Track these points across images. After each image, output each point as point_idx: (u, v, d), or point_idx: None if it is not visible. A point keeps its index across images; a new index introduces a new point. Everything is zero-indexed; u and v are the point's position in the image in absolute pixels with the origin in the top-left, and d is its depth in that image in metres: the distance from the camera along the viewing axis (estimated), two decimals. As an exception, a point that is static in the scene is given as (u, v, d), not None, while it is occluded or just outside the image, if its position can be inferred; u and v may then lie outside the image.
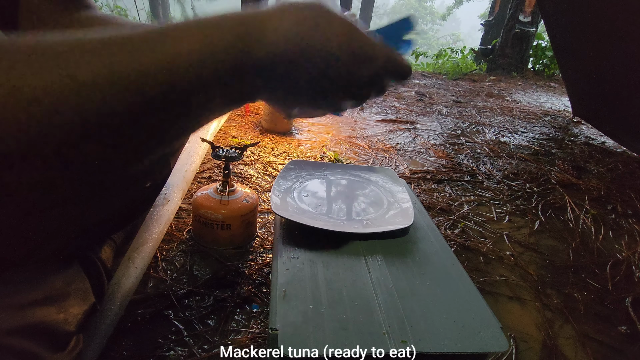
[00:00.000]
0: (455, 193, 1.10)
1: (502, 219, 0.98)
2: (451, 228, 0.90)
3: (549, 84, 3.89)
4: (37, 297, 0.34)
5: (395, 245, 0.52)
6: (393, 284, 0.44)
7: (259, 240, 0.77)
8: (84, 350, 0.41)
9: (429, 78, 3.81)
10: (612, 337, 0.63)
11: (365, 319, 0.38)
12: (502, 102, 2.65)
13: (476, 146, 1.57)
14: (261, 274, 0.68)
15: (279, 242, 0.51)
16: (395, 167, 1.26)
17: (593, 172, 1.39)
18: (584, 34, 1.60)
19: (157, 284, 0.63)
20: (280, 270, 0.45)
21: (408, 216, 0.56)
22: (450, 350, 0.36)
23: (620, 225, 1.01)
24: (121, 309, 0.54)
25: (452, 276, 0.46)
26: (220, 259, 0.70)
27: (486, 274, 0.75)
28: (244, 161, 1.16)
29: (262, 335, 0.55)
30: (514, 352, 0.57)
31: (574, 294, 0.72)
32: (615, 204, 1.13)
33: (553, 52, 2.40)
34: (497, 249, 0.84)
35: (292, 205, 0.58)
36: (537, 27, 4.28)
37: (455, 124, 1.92)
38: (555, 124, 2.12)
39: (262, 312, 0.59)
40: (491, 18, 6.61)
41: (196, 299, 0.61)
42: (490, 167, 1.34)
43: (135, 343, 0.52)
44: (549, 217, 1.02)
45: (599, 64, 1.61)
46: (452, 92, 2.93)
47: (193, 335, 0.54)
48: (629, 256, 0.86)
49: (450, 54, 5.08)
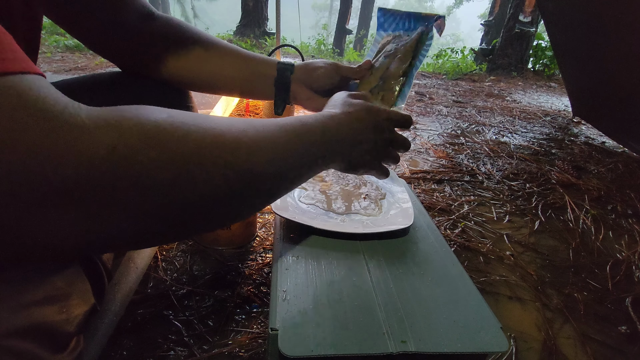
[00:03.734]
0: (455, 193, 1.10)
1: (502, 219, 0.98)
2: (451, 228, 0.90)
3: (549, 84, 3.89)
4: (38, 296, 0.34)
5: (395, 245, 0.52)
6: (393, 284, 0.44)
7: (259, 240, 0.77)
8: (84, 351, 0.41)
9: (429, 78, 3.81)
10: (612, 337, 0.63)
11: (365, 319, 0.38)
12: (502, 102, 2.65)
13: (476, 146, 1.57)
14: (261, 274, 0.68)
15: (279, 242, 0.51)
16: (395, 167, 1.26)
17: (593, 172, 1.39)
18: (584, 34, 1.59)
19: (157, 284, 0.63)
20: (280, 270, 0.45)
21: (408, 216, 0.56)
22: (450, 350, 0.36)
23: (620, 225, 1.01)
24: (121, 309, 0.54)
25: (452, 276, 0.46)
26: (220, 259, 0.70)
27: (486, 274, 0.75)
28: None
29: (262, 335, 0.55)
30: (514, 352, 0.57)
31: (574, 294, 0.72)
32: (615, 204, 1.13)
33: (553, 52, 2.40)
34: (497, 249, 0.84)
35: (292, 205, 0.58)
36: (537, 27, 4.28)
37: (455, 124, 1.92)
38: (555, 124, 2.12)
39: (262, 312, 0.59)
40: (491, 18, 6.61)
41: (196, 299, 0.61)
42: (490, 167, 1.34)
43: (135, 343, 0.52)
44: (549, 217, 1.02)
45: (599, 64, 1.61)
46: (452, 92, 2.93)
47: (193, 335, 0.54)
48: (629, 256, 0.86)
49: (450, 54, 5.08)
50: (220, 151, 0.27)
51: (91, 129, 0.21)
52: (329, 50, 7.27)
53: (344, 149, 0.40)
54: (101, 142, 0.21)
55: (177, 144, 0.24)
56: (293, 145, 0.33)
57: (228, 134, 0.28)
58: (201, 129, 0.26)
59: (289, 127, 0.34)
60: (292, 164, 0.34)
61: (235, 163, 0.27)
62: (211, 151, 0.26)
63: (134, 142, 0.22)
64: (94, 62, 2.85)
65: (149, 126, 0.23)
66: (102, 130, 0.22)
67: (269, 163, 0.31)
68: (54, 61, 2.82)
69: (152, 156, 0.23)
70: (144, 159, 0.23)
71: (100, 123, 0.22)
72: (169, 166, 0.24)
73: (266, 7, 5.67)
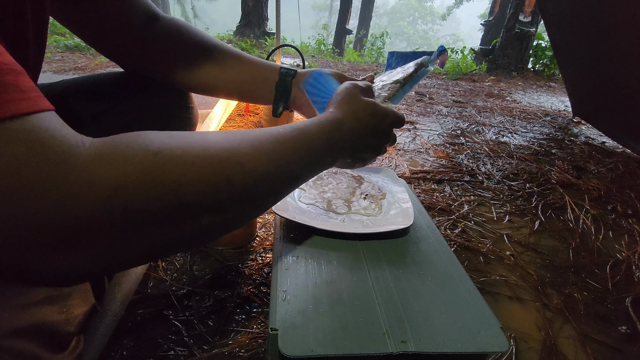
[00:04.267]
0: (455, 193, 1.10)
1: (502, 219, 0.98)
2: (451, 228, 0.90)
3: (549, 84, 3.89)
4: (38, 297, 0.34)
5: (395, 245, 0.52)
6: (393, 284, 0.44)
7: (259, 240, 0.77)
8: (84, 351, 0.41)
9: (429, 78, 3.81)
10: (612, 337, 0.63)
11: (365, 319, 0.38)
12: (502, 102, 2.65)
13: (476, 146, 1.57)
14: (261, 274, 0.68)
15: (279, 242, 0.51)
16: (395, 167, 1.26)
17: (593, 172, 1.39)
18: (584, 34, 1.60)
19: (157, 284, 0.63)
20: (280, 270, 0.45)
21: (408, 216, 0.56)
22: (450, 350, 0.36)
23: (620, 225, 1.01)
24: (121, 309, 0.54)
25: (452, 276, 0.46)
26: (220, 259, 0.70)
27: (486, 274, 0.75)
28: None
29: (262, 335, 0.55)
30: (514, 352, 0.57)
31: (574, 294, 0.72)
32: (615, 204, 1.13)
33: (553, 52, 2.40)
34: (497, 249, 0.84)
35: (292, 205, 0.58)
36: (537, 27, 4.28)
37: (455, 124, 1.92)
38: (555, 124, 2.12)
39: (262, 312, 0.59)
40: (491, 18, 6.61)
41: (196, 299, 0.61)
42: (490, 167, 1.34)
43: (135, 343, 0.52)
44: (549, 217, 1.02)
45: (599, 64, 1.61)
46: (452, 92, 2.93)
47: (193, 335, 0.54)
48: (629, 256, 0.86)
49: (450, 54, 5.08)
50: (217, 177, 0.27)
51: (95, 170, 0.22)
52: (329, 50, 7.27)
53: (346, 154, 0.40)
54: (104, 184, 0.22)
55: (176, 176, 0.25)
56: (291, 160, 0.33)
57: (224, 155, 0.28)
58: (198, 158, 0.27)
59: (288, 142, 0.33)
60: (289, 178, 0.34)
61: (232, 189, 0.28)
62: (209, 178, 0.27)
63: (134, 184, 0.23)
64: (94, 62, 2.85)
65: (146, 163, 0.24)
66: (105, 170, 0.23)
67: (267, 183, 0.31)
68: (54, 61, 2.82)
69: (152, 195, 0.24)
70: (144, 197, 0.24)
71: (102, 162, 0.23)
72: (167, 201, 0.25)
73: (266, 7, 5.67)
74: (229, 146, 0.29)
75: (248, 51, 4.67)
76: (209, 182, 0.27)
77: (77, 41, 3.48)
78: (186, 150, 0.26)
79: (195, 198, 0.26)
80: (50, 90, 0.48)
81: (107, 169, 0.23)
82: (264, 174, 0.30)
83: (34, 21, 0.32)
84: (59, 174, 0.21)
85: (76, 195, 0.21)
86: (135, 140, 0.25)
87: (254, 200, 0.31)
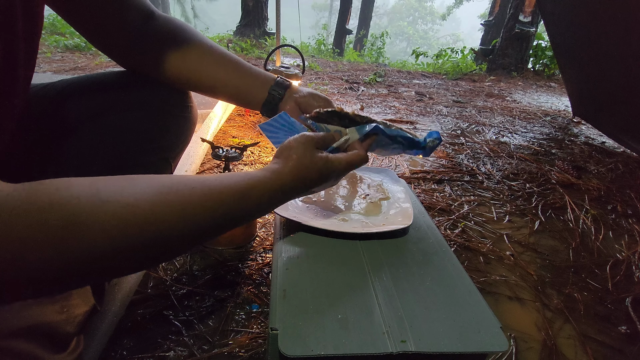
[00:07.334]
0: (455, 193, 1.10)
1: (502, 219, 0.98)
2: (451, 228, 0.90)
3: (549, 84, 3.90)
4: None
5: (395, 245, 0.52)
6: (393, 284, 0.44)
7: (259, 240, 0.77)
8: (85, 351, 0.41)
9: (429, 78, 3.82)
10: (612, 337, 0.63)
11: (365, 319, 0.38)
12: (502, 102, 2.65)
13: (476, 146, 1.57)
14: (261, 274, 0.68)
15: (279, 242, 0.51)
16: (395, 167, 1.26)
17: (593, 172, 1.39)
18: (584, 34, 1.60)
19: (157, 284, 0.63)
20: (280, 270, 0.45)
21: (408, 216, 0.56)
22: (450, 350, 0.36)
23: (620, 225, 1.01)
24: (121, 309, 0.54)
25: (452, 276, 0.46)
26: (220, 259, 0.70)
27: (486, 274, 0.75)
28: (244, 161, 1.16)
29: (262, 335, 0.55)
30: (514, 352, 0.57)
31: (574, 294, 0.72)
32: (615, 204, 1.13)
33: (553, 52, 2.40)
34: (497, 249, 0.84)
35: (292, 205, 0.58)
36: (537, 27, 4.28)
37: (455, 124, 1.92)
38: (555, 124, 2.12)
39: (262, 312, 0.59)
40: (491, 18, 6.61)
41: (196, 299, 0.61)
42: (490, 167, 1.34)
43: (135, 343, 0.52)
44: (549, 217, 1.02)
45: (599, 64, 1.61)
46: (452, 92, 2.93)
47: (193, 335, 0.54)
48: (629, 256, 0.86)
49: (450, 54, 5.08)
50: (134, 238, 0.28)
51: (13, 225, 0.23)
52: (329, 50, 7.27)
53: (294, 196, 0.42)
54: (20, 239, 0.23)
55: (96, 230, 0.26)
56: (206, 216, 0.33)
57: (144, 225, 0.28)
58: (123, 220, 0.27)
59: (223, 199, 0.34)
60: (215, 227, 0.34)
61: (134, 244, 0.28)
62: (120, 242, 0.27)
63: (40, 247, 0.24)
64: (93, 62, 2.85)
65: (66, 212, 0.25)
66: (23, 224, 0.23)
67: (183, 238, 0.31)
68: (54, 61, 2.82)
69: (72, 245, 0.25)
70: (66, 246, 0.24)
71: (21, 214, 0.23)
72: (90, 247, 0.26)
73: (266, 7, 5.67)
74: (150, 202, 0.29)
75: (248, 51, 4.67)
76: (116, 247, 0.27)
77: (77, 41, 3.48)
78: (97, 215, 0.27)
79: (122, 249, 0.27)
80: (50, 89, 0.48)
81: (28, 223, 0.23)
82: (183, 235, 0.31)
83: (24, 12, 0.32)
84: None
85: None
86: (58, 188, 0.26)
87: (172, 249, 0.32)
